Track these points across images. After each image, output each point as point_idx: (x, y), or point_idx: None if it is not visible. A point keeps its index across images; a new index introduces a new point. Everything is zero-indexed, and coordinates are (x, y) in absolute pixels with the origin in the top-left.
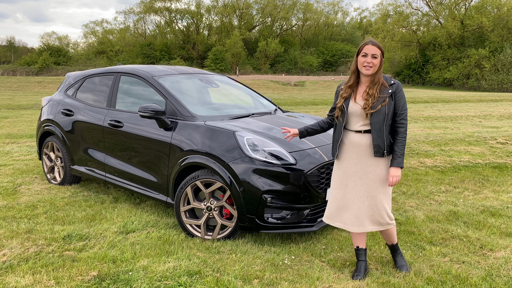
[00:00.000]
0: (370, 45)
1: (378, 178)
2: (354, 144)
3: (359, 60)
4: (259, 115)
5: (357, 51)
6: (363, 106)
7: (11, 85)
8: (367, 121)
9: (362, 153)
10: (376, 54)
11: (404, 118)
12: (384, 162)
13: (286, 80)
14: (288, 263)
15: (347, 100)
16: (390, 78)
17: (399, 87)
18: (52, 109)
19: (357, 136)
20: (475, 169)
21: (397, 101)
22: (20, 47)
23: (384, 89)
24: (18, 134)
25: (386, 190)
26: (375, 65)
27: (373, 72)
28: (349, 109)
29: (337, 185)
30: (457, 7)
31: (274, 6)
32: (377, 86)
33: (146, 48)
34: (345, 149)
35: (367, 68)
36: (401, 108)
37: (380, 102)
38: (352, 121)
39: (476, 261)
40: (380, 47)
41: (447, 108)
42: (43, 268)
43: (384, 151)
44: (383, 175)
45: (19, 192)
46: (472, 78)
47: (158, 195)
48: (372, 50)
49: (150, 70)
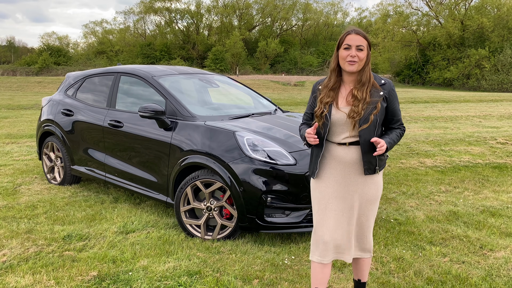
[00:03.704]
0: (353, 35)
1: (367, 199)
2: (337, 160)
3: (340, 55)
4: (259, 115)
5: (337, 44)
6: (350, 114)
7: (11, 85)
8: (354, 132)
9: (347, 170)
10: (362, 46)
11: (402, 122)
12: (374, 179)
13: (286, 80)
14: (288, 263)
15: (330, 107)
16: (379, 77)
17: (391, 87)
18: (52, 109)
19: (340, 150)
20: (475, 169)
21: (390, 105)
22: (20, 47)
23: (375, 92)
24: (18, 134)
25: (375, 213)
26: (360, 60)
27: (358, 69)
28: (332, 118)
29: (315, 210)
30: (457, 7)
31: (274, 6)
32: (366, 87)
33: (146, 48)
34: (326, 166)
35: (351, 63)
36: (396, 113)
37: (371, 110)
38: (334, 131)
39: (476, 261)
40: (366, 36)
41: (447, 108)
42: (43, 268)
43: (376, 167)
44: (373, 195)
45: (19, 192)
46: (472, 78)
47: (158, 195)
48: (357, 40)
49: (150, 70)
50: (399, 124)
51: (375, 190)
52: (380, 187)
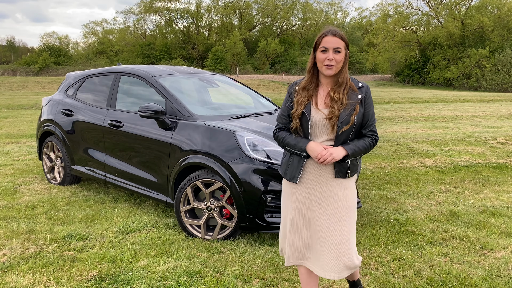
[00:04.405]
0: (329, 37)
1: (344, 205)
2: (314, 164)
3: (317, 57)
4: (259, 115)
5: (314, 45)
6: (328, 115)
7: (11, 85)
8: (333, 135)
9: (323, 175)
10: (339, 48)
11: (374, 130)
12: (349, 184)
13: (286, 80)
14: None
15: (308, 107)
16: (356, 80)
17: (368, 92)
18: (52, 109)
19: None
20: (475, 169)
21: (366, 109)
22: (20, 47)
23: (352, 94)
24: (18, 134)
25: (353, 221)
26: (338, 62)
27: (336, 72)
28: (312, 119)
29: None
30: (457, 7)
31: (274, 6)
32: (343, 89)
33: (146, 48)
34: (305, 170)
35: (328, 67)
36: (370, 118)
37: (350, 111)
38: (313, 134)
39: (476, 261)
40: (343, 37)
41: (447, 108)
42: (43, 268)
43: (348, 171)
44: (349, 201)
45: (19, 192)
46: (472, 78)
47: (158, 195)
48: (334, 42)
49: (150, 70)
50: (369, 131)
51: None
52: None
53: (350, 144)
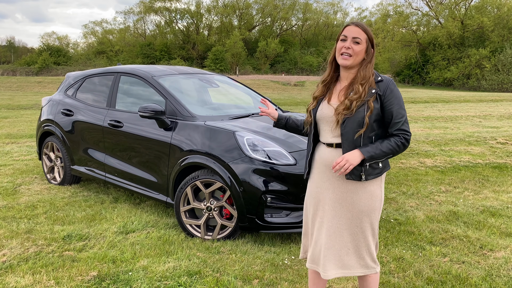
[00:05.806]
0: (352, 26)
1: (356, 209)
2: (325, 163)
3: (337, 47)
4: (259, 115)
5: (337, 37)
6: (336, 109)
7: (11, 85)
8: (339, 131)
9: (335, 175)
10: (359, 38)
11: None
12: (366, 187)
13: (286, 80)
14: (288, 263)
15: (320, 102)
16: (377, 74)
17: (389, 86)
18: (52, 109)
19: (327, 152)
20: (475, 169)
21: (386, 105)
22: (20, 47)
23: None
24: (18, 134)
25: (371, 225)
26: (355, 53)
27: (353, 63)
28: (318, 114)
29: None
30: (457, 7)
31: (274, 6)
32: (366, 84)
33: (146, 48)
34: (316, 169)
35: (344, 57)
36: (394, 115)
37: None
38: (323, 129)
39: (476, 261)
40: (367, 29)
41: (447, 108)
42: (43, 268)
43: (362, 173)
44: (363, 205)
45: (19, 192)
46: (472, 78)
47: (158, 195)
48: (354, 32)
49: (150, 70)
50: (397, 129)
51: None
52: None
53: (369, 146)
